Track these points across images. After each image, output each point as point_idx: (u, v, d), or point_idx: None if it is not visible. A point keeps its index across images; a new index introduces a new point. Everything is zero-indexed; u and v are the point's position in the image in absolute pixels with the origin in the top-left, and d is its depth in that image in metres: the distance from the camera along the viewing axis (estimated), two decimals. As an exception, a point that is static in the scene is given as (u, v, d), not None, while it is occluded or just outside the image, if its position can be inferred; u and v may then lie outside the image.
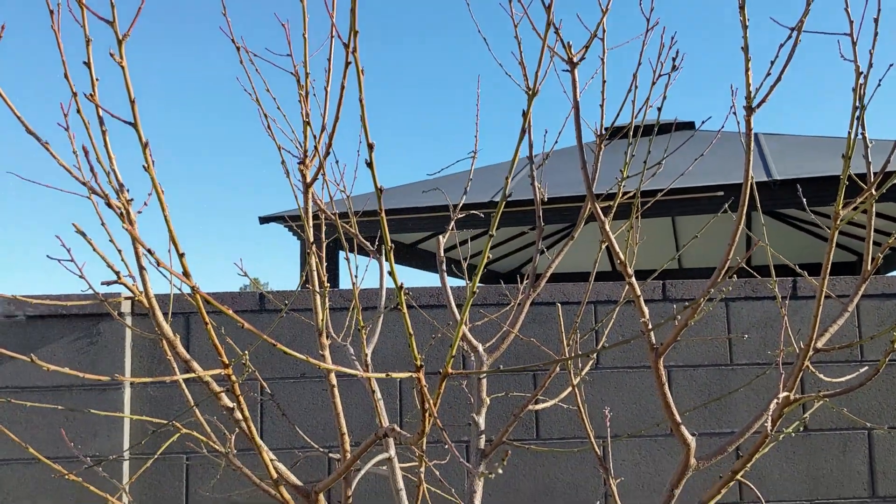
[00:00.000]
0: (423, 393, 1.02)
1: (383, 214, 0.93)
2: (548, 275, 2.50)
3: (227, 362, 1.17)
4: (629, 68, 2.10)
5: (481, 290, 3.56)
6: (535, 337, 3.47)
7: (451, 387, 3.44)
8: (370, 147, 0.90)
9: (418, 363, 1.02)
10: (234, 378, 1.21)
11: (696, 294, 3.51)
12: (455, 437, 3.43)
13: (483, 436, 2.32)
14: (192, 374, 1.39)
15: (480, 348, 2.38)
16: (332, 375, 1.62)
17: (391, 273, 0.98)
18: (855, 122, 1.26)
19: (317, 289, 1.54)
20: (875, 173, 1.55)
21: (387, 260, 1.11)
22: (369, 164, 0.90)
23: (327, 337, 1.76)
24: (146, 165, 1.08)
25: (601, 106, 2.17)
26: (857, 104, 1.27)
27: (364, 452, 1.36)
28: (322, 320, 1.54)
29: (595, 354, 3.42)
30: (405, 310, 0.97)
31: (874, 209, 1.59)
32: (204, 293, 0.95)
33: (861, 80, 1.33)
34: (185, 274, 1.02)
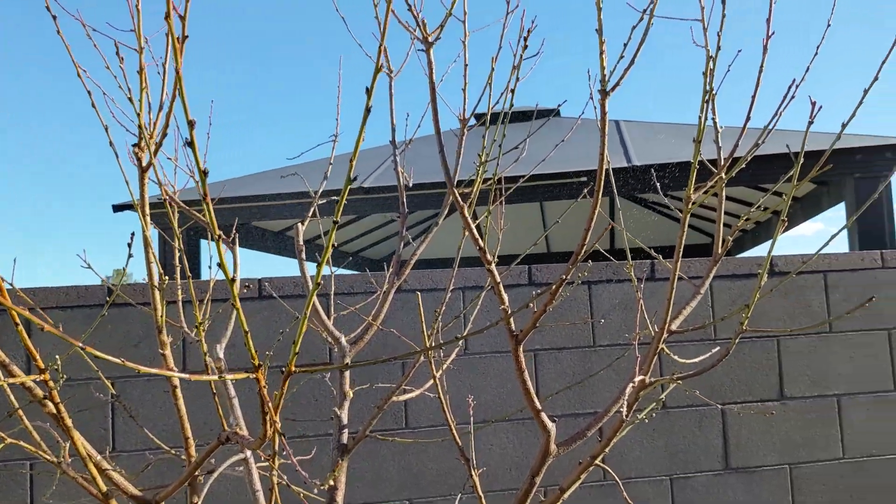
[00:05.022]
0: (262, 395, 0.94)
1: (208, 200, 0.84)
2: (412, 262, 2.44)
3: (43, 367, 1.04)
4: (493, 53, 2.07)
5: (349, 278, 3.46)
6: (405, 323, 3.41)
7: (315, 380, 3.34)
8: (190, 124, 0.80)
9: (256, 362, 0.94)
10: (51, 384, 1.08)
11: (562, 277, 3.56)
12: (322, 430, 3.33)
13: (346, 430, 2.24)
14: (13, 380, 1.24)
15: (343, 339, 2.30)
16: (175, 378, 1.49)
17: (221, 264, 0.89)
18: (705, 105, 1.26)
19: (155, 283, 1.42)
20: (725, 158, 1.58)
21: (228, 249, 1.00)
22: (189, 143, 0.80)
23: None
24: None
25: (463, 90, 2.13)
26: (707, 88, 1.28)
27: (208, 458, 1.26)
28: (161, 317, 1.42)
29: (462, 341, 3.41)
30: (238, 305, 0.88)
31: (724, 193, 1.63)
32: (21, 292, 0.83)
33: (710, 65, 1.33)
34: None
